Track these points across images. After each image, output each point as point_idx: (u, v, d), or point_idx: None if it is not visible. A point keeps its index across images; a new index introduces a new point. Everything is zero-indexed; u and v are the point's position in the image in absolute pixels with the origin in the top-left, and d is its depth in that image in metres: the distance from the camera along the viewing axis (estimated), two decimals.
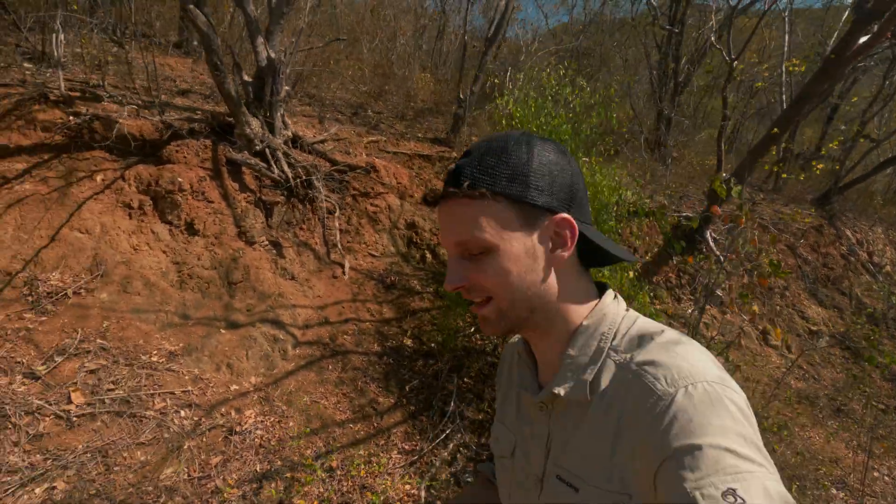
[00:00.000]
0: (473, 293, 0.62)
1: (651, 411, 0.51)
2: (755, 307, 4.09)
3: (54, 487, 2.04)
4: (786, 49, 5.53)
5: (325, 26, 7.15)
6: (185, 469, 2.28)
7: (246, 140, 3.65)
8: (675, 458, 0.47)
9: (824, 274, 6.55)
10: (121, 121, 3.46)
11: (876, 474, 3.67)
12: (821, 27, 8.77)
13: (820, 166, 7.67)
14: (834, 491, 3.43)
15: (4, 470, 2.02)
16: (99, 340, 2.63)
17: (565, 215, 0.59)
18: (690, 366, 0.53)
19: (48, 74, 4.02)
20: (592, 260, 0.67)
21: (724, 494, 0.43)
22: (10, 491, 1.96)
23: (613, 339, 0.60)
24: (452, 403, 2.98)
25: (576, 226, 0.59)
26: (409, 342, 3.48)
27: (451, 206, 0.60)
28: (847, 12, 7.41)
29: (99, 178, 3.27)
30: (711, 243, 5.06)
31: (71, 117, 3.37)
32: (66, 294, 2.77)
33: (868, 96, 8.14)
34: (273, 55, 3.63)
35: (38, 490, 2.01)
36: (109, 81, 3.93)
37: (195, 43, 5.60)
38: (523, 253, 0.59)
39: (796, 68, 4.55)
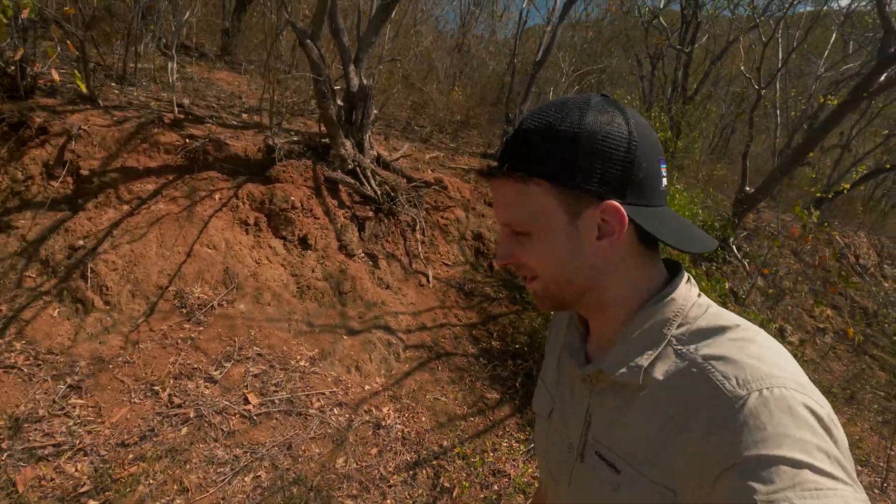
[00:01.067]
0: (520, 270, 0.62)
1: (717, 413, 0.48)
2: (827, 311, 4.62)
3: (259, 476, 2.35)
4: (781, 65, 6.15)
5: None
6: (353, 459, 2.62)
7: (340, 160, 3.97)
8: (745, 468, 0.44)
9: (822, 276, 7.24)
10: (229, 142, 3.73)
11: (892, 453, 4.26)
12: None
13: (814, 176, 8.39)
14: (859, 467, 3.98)
15: (216, 462, 2.32)
16: (254, 348, 2.93)
17: (612, 202, 0.55)
18: (768, 368, 0.49)
19: (133, 93, 4.24)
20: (656, 242, 0.61)
21: None
22: (227, 480, 2.27)
23: (679, 326, 0.56)
24: None
25: (624, 214, 0.55)
26: (496, 344, 3.86)
27: (497, 184, 0.60)
28: (833, 36, 8.12)
29: (217, 196, 3.54)
30: (736, 251, 5.61)
31: (187, 139, 3.62)
32: (212, 306, 3.05)
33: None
34: (365, 81, 3.95)
35: (247, 479, 2.32)
36: (186, 99, 4.17)
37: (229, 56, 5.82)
38: (565, 239, 0.57)
39: (830, 101, 5.10)
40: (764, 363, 0.49)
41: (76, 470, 2.13)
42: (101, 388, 2.48)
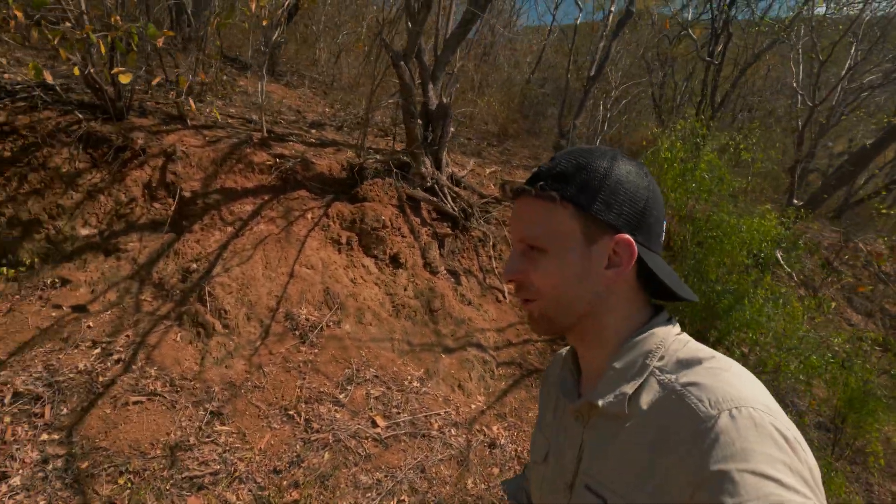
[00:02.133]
0: (523, 290, 0.66)
1: (692, 432, 0.51)
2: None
3: (402, 500, 2.39)
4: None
5: None
6: (480, 480, 2.67)
7: (420, 177, 4.01)
8: (715, 482, 0.47)
9: (853, 284, 7.41)
10: (314, 161, 3.76)
11: None
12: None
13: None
14: None
15: (362, 487, 2.36)
16: (370, 370, 2.97)
17: (626, 236, 0.61)
18: (737, 391, 0.53)
19: (208, 111, 4.25)
20: (654, 289, 0.68)
21: None
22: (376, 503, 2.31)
23: (661, 358, 0.61)
24: None
25: (635, 249, 0.61)
26: None
27: (523, 203, 0.65)
28: (853, 48, 8.30)
29: (309, 216, 3.57)
30: (781, 260, 5.73)
31: (277, 159, 3.64)
32: (321, 327, 3.08)
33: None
34: (445, 100, 4.00)
35: (393, 502, 2.36)
36: (240, 111, 4.19)
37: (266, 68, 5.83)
38: (578, 262, 0.62)
39: (892, 120, 5.23)
40: (734, 388, 0.53)
41: (237, 498, 2.16)
42: (239, 413, 2.50)
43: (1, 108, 3.12)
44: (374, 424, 2.68)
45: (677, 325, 0.66)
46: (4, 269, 2.70)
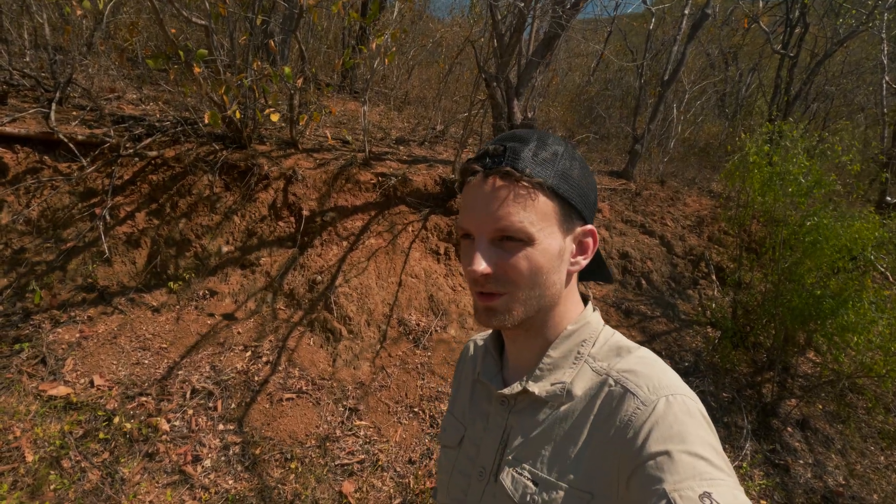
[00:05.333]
0: (494, 283, 0.60)
1: (631, 417, 0.54)
2: None
3: None
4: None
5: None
6: None
7: None
8: (655, 462, 0.50)
9: None
10: (412, 177, 4.06)
11: None
12: None
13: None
14: None
15: None
16: None
17: (592, 226, 0.64)
18: (668, 380, 0.57)
19: (308, 134, 4.64)
20: (585, 273, 0.73)
21: (700, 497, 0.46)
22: None
23: (593, 346, 0.64)
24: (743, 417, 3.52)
25: (597, 239, 0.64)
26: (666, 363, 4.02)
27: (499, 187, 0.58)
28: None
29: (410, 229, 3.87)
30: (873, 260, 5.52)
31: (379, 177, 3.97)
32: (431, 332, 3.36)
33: None
34: (530, 115, 4.19)
35: None
36: (333, 132, 4.54)
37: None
38: (556, 252, 0.60)
39: None
40: (665, 377, 0.57)
41: (382, 484, 2.46)
42: (372, 410, 2.81)
43: (154, 143, 3.62)
44: None
45: (599, 314, 0.70)
46: (172, 284, 3.15)
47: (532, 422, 0.63)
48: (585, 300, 0.69)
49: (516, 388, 0.64)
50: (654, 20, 6.03)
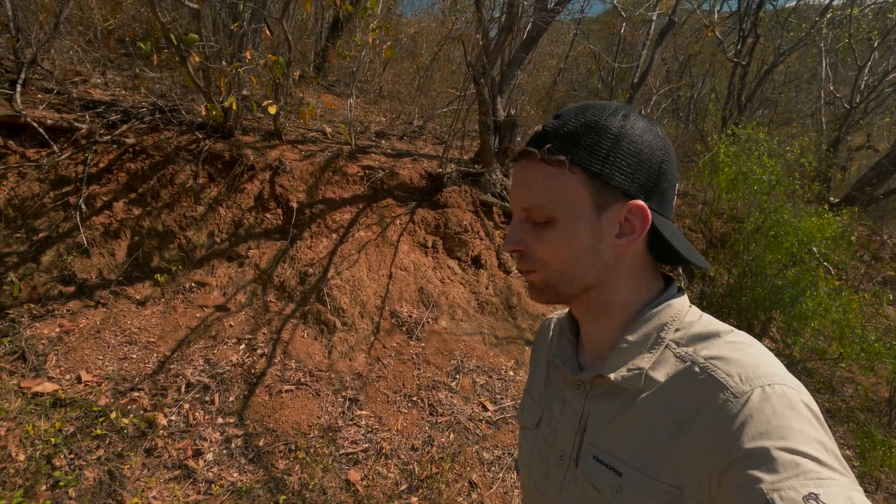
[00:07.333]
0: (526, 260, 0.61)
1: (722, 408, 0.50)
2: None
3: None
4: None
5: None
6: None
7: (490, 184, 4.33)
8: (751, 459, 0.46)
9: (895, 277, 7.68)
10: (399, 171, 4.09)
11: None
12: None
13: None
14: None
15: (486, 462, 2.69)
16: (472, 361, 3.29)
17: (640, 202, 0.57)
18: (766, 367, 0.51)
19: (287, 125, 4.56)
20: (664, 255, 0.64)
21: (805, 498, 0.42)
22: (501, 477, 2.63)
23: (676, 331, 0.59)
24: None
25: (649, 216, 0.57)
26: None
27: (527, 167, 0.59)
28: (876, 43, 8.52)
29: (398, 222, 3.89)
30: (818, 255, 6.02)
31: (366, 170, 3.96)
32: (423, 323, 3.41)
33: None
34: (513, 112, 4.31)
35: (514, 476, 2.68)
36: (328, 127, 4.52)
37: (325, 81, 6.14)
38: (588, 232, 0.57)
39: None
40: (762, 363, 0.52)
41: (388, 471, 2.49)
42: (371, 400, 2.83)
43: (130, 130, 3.46)
44: (485, 408, 3.01)
45: (686, 297, 0.64)
46: (158, 276, 3.04)
47: (611, 408, 0.60)
48: (670, 281, 0.65)
49: (591, 373, 0.62)
50: (624, 25, 6.29)
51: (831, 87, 6.21)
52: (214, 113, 2.51)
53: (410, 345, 3.25)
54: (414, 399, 2.91)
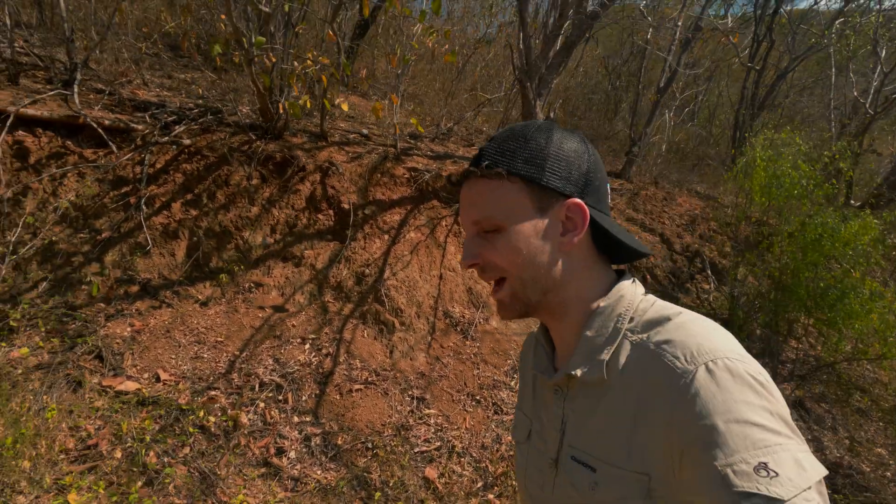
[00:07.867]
0: (487, 272, 0.65)
1: (672, 389, 0.51)
2: None
3: None
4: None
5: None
6: None
7: None
8: (702, 437, 0.47)
9: None
10: (443, 173, 4.13)
11: None
12: None
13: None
14: None
15: None
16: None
17: (577, 200, 0.61)
18: (709, 342, 0.53)
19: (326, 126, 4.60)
20: (611, 252, 0.67)
21: (755, 469, 0.44)
22: None
23: (630, 320, 0.61)
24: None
25: (587, 211, 0.61)
26: None
27: (471, 185, 0.64)
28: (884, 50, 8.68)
29: (444, 223, 3.94)
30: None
31: (412, 172, 4.00)
32: (476, 323, 3.45)
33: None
34: (551, 115, 4.36)
35: None
36: (349, 126, 4.56)
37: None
38: (533, 234, 0.61)
39: None
40: (706, 340, 0.53)
41: (463, 469, 2.53)
42: (437, 398, 2.87)
43: (185, 131, 3.48)
44: None
45: (640, 285, 0.67)
46: (222, 276, 3.06)
47: (584, 406, 0.62)
48: (621, 273, 0.68)
49: (560, 374, 0.64)
50: (650, 30, 6.38)
51: (854, 93, 6.32)
52: (293, 112, 2.54)
53: (467, 344, 3.29)
54: (477, 398, 2.95)
